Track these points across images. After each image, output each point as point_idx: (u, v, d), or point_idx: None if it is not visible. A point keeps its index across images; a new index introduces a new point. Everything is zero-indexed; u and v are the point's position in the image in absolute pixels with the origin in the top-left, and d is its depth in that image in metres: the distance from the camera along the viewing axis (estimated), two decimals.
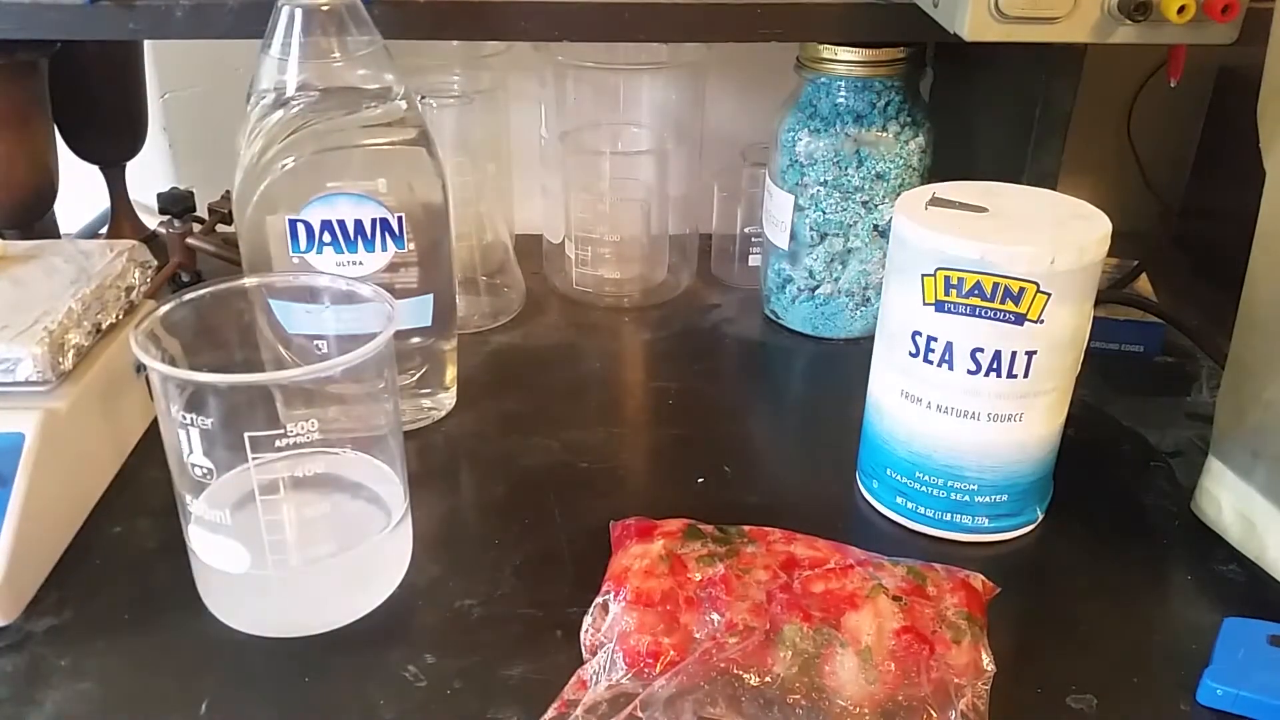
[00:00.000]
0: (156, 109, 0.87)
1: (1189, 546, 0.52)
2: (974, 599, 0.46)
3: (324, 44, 0.51)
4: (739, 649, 0.42)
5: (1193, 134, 0.86)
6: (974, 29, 0.51)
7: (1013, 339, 0.47)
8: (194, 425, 0.41)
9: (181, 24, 0.59)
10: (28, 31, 0.60)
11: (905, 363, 0.50)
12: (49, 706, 0.42)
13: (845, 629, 0.43)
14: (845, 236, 0.69)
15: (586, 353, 0.72)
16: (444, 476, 0.58)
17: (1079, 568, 0.51)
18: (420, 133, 0.54)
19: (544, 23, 0.60)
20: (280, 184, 0.52)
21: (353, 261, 0.54)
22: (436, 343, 0.59)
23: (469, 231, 0.72)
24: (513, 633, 0.46)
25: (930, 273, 0.47)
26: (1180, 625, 0.47)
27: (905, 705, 0.41)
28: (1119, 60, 0.79)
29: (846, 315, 0.72)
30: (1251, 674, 0.43)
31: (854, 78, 0.67)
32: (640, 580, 0.45)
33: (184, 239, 0.76)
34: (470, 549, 0.51)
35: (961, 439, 0.50)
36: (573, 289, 0.78)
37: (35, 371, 0.49)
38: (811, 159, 0.68)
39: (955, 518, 0.52)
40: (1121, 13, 0.51)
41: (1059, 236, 0.46)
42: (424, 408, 0.61)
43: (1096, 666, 0.45)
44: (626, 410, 0.66)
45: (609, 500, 0.54)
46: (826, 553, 0.48)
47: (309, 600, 0.46)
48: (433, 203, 0.55)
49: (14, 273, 0.55)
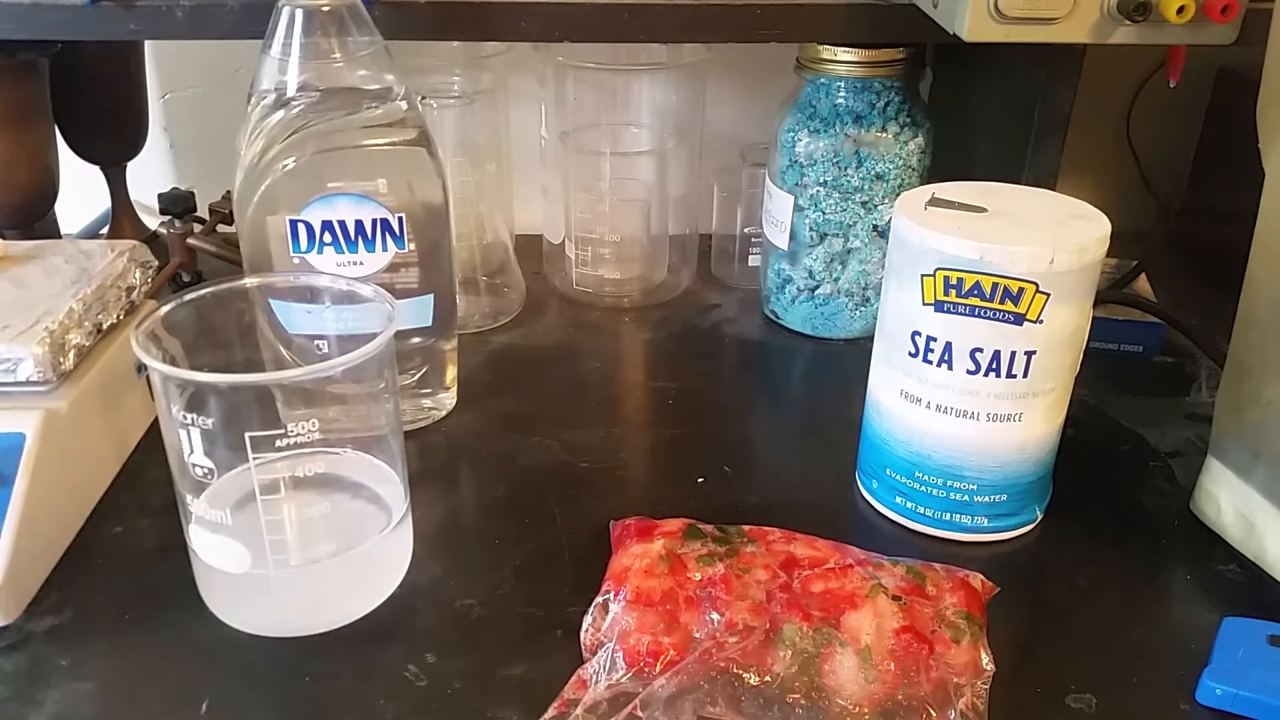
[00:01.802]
0: (157, 109, 0.87)
1: (1188, 546, 0.52)
2: (973, 598, 0.46)
3: (325, 44, 0.51)
4: (739, 648, 0.42)
5: (1192, 134, 0.86)
6: (973, 30, 0.51)
7: (1012, 339, 0.47)
8: (195, 425, 0.42)
9: (182, 24, 0.59)
10: (28, 32, 0.60)
11: (905, 362, 0.50)
12: (49, 706, 0.42)
13: (845, 628, 0.43)
14: (845, 237, 0.70)
15: (586, 353, 0.72)
16: (444, 476, 0.58)
17: (1078, 567, 0.51)
18: (420, 133, 0.54)
19: (544, 23, 0.60)
20: (281, 184, 0.52)
21: (353, 262, 0.54)
22: (437, 343, 0.59)
23: (469, 231, 0.72)
24: (513, 633, 0.46)
25: (930, 273, 0.47)
26: (1180, 625, 0.47)
27: (905, 705, 0.41)
28: (1119, 60, 0.79)
29: (846, 315, 0.72)
30: (1251, 674, 0.43)
31: (854, 78, 0.67)
32: (640, 580, 0.45)
33: (185, 239, 0.76)
34: (470, 549, 0.52)
35: (961, 439, 0.50)
36: (573, 289, 0.78)
37: (36, 371, 0.49)
38: (811, 159, 0.68)
39: (954, 517, 0.52)
40: (1121, 13, 0.51)
41: (1058, 237, 0.46)
42: (424, 408, 0.61)
43: (1096, 666, 0.45)
44: (626, 410, 0.66)
45: (609, 500, 0.54)
46: (826, 552, 0.48)
47: (309, 600, 0.46)
48: (433, 203, 0.55)
49: (15, 273, 0.55)
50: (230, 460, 0.42)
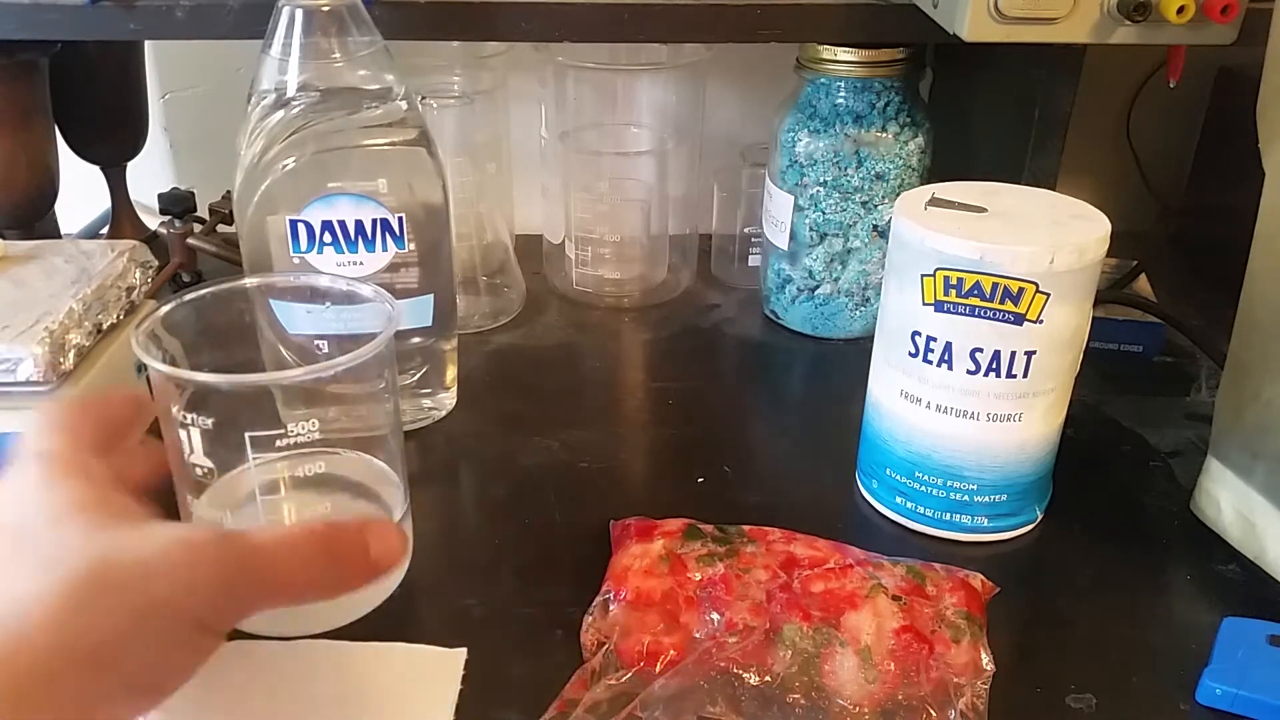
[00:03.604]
0: (157, 109, 0.87)
1: (1188, 546, 0.52)
2: (973, 598, 0.46)
3: (325, 44, 0.51)
4: (739, 648, 0.42)
5: (1192, 134, 0.86)
6: (973, 30, 0.51)
7: (1012, 339, 0.47)
8: (195, 425, 0.41)
9: (182, 24, 0.59)
10: (28, 32, 0.60)
11: (905, 362, 0.50)
12: None
13: (845, 628, 0.43)
14: (845, 237, 0.70)
15: (586, 353, 0.72)
16: (444, 476, 0.58)
17: (1078, 567, 0.51)
18: (420, 133, 0.54)
19: (545, 23, 0.60)
20: (281, 184, 0.52)
21: (353, 262, 0.54)
22: (437, 343, 0.59)
23: (469, 231, 0.72)
24: (513, 633, 0.46)
25: (930, 273, 0.48)
26: (1180, 625, 0.47)
27: (905, 705, 0.41)
28: (1119, 60, 0.79)
29: (846, 315, 0.72)
30: (1251, 673, 0.43)
31: (853, 78, 0.67)
32: (640, 580, 0.45)
33: (185, 239, 0.76)
34: (470, 549, 0.52)
35: (961, 439, 0.50)
36: (573, 289, 0.78)
37: (36, 371, 0.49)
38: (811, 159, 0.68)
39: (954, 517, 0.52)
40: (1121, 13, 0.51)
41: (1058, 237, 0.46)
42: (424, 408, 0.61)
43: (1096, 666, 0.45)
44: (626, 410, 0.66)
45: (609, 500, 0.54)
46: (826, 552, 0.48)
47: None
48: (433, 203, 0.55)
49: (15, 273, 0.55)
50: (230, 460, 0.42)
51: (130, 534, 0.32)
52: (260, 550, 0.33)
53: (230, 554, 0.32)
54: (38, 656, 0.28)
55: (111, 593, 0.30)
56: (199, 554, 0.31)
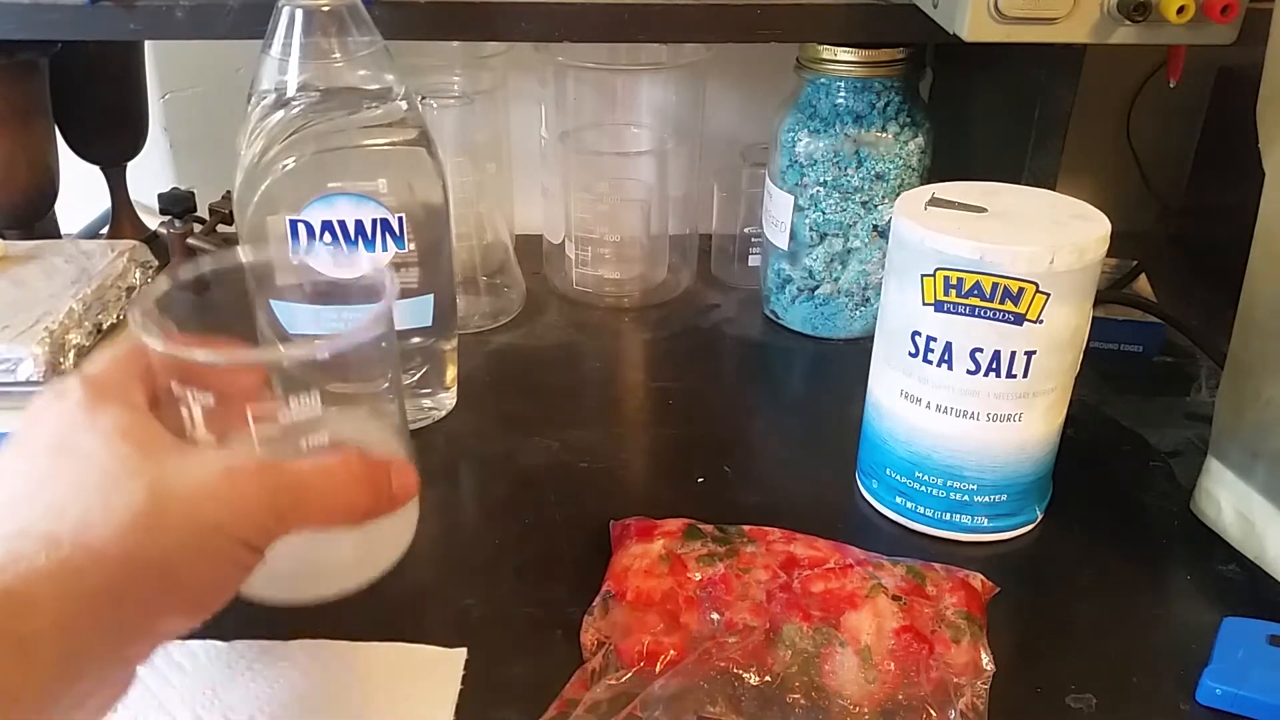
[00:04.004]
0: (157, 109, 0.87)
1: (1188, 546, 0.52)
2: (973, 598, 0.46)
3: (324, 44, 0.51)
4: (739, 648, 0.42)
5: (1192, 134, 0.86)
6: (973, 30, 0.51)
7: (1012, 339, 0.47)
8: (196, 401, 0.41)
9: (182, 24, 0.59)
10: (28, 31, 0.60)
11: (905, 362, 0.50)
12: None
13: (845, 628, 0.43)
14: (845, 237, 0.70)
15: (586, 353, 0.72)
16: (444, 476, 0.58)
17: (1078, 567, 0.51)
18: (420, 133, 0.54)
19: (545, 23, 0.60)
20: (281, 184, 0.52)
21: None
22: (437, 343, 0.59)
23: (469, 231, 0.72)
24: (513, 633, 0.46)
25: (930, 273, 0.48)
26: (1180, 625, 0.47)
27: (905, 704, 0.41)
28: (1118, 60, 0.79)
29: (846, 315, 0.72)
30: (1251, 674, 0.43)
31: (853, 78, 0.67)
32: (640, 580, 0.45)
33: (185, 239, 0.75)
34: (470, 549, 0.52)
35: (961, 439, 0.50)
36: (573, 289, 0.78)
37: (36, 371, 0.49)
38: (811, 159, 0.68)
39: (954, 517, 0.52)
40: (1121, 13, 0.51)
41: (1058, 237, 0.46)
42: (424, 408, 0.61)
43: (1096, 666, 0.45)
44: (626, 410, 0.66)
45: (609, 500, 0.54)
46: (826, 552, 0.48)
47: (307, 566, 0.44)
48: (433, 203, 0.55)
49: (15, 273, 0.56)
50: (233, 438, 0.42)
51: (180, 460, 0.34)
52: (300, 476, 0.36)
53: (271, 480, 0.34)
54: (110, 570, 0.31)
55: (171, 514, 0.32)
56: (244, 480, 0.34)
